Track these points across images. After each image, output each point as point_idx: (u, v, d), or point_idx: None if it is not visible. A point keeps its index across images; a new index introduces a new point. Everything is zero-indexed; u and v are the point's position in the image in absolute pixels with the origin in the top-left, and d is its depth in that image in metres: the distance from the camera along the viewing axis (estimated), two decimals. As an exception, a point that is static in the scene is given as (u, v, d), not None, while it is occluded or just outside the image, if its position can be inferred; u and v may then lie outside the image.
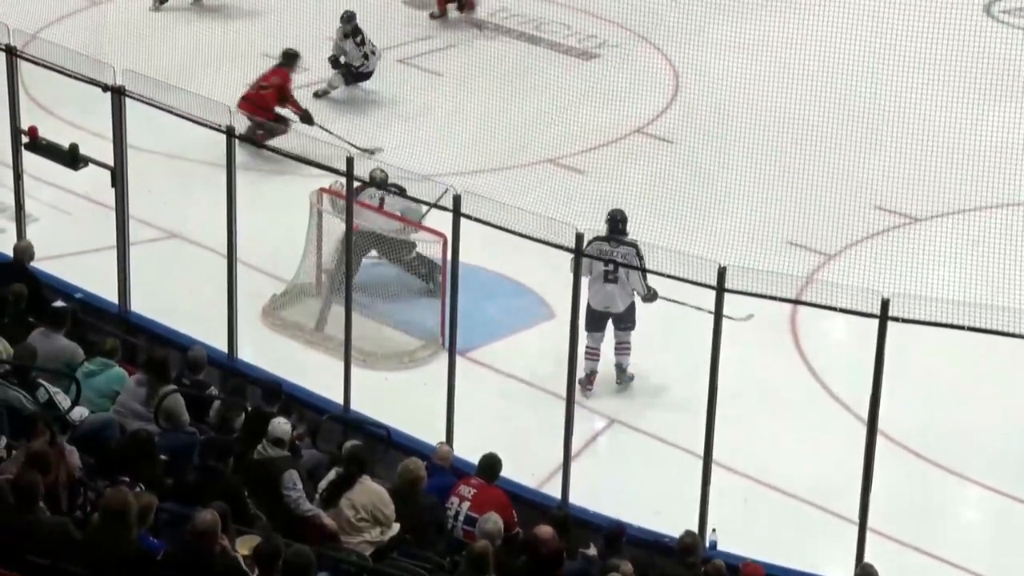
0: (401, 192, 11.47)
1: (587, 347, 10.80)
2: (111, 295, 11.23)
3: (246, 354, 10.83)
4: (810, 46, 15.64)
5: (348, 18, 15.31)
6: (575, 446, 9.63)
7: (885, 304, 8.49)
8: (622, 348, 11.12)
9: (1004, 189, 13.31)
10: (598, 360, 11.02)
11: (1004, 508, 9.85)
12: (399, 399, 10.76)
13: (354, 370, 10.36)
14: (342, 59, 15.45)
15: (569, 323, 9.40)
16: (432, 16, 17.25)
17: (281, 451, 8.79)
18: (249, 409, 9.29)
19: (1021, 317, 9.34)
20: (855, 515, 8.89)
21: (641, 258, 10.70)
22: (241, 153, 11.19)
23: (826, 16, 16.41)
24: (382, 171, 11.49)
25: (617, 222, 11.02)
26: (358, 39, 15.40)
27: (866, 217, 12.98)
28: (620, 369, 11.10)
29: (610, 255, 10.80)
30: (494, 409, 10.79)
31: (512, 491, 9.31)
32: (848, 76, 15.31)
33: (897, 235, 12.90)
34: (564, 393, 9.42)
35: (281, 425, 8.76)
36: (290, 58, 14.46)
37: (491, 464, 8.93)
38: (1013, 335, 8.92)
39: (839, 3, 16.72)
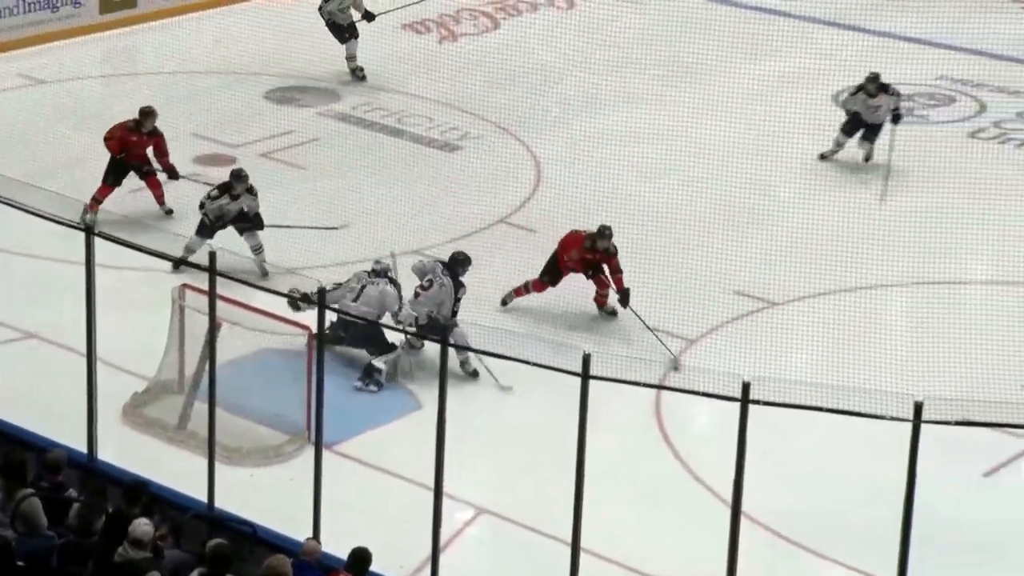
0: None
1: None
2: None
3: (107, 454, 10.63)
4: (670, 137, 16.02)
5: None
6: (443, 537, 9.57)
7: (746, 387, 8.62)
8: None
9: (856, 273, 13.66)
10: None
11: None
12: (265, 495, 10.63)
13: (218, 467, 10.21)
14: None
15: (436, 415, 9.39)
16: None
17: (143, 552, 8.61)
18: (109, 510, 9.09)
19: (878, 398, 9.58)
20: (725, 599, 8.96)
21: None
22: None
23: (684, 108, 16.84)
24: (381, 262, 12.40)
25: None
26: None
27: (726, 302, 13.21)
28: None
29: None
30: (362, 502, 10.71)
31: (381, 585, 9.24)
32: (706, 165, 15.68)
33: (756, 319, 13.14)
34: (432, 484, 9.38)
35: (141, 526, 8.58)
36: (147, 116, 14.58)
37: (360, 558, 8.86)
38: (870, 416, 9.12)
39: (696, 95, 17.18)
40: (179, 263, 12.05)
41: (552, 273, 13.10)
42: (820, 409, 8.51)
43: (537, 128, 16.67)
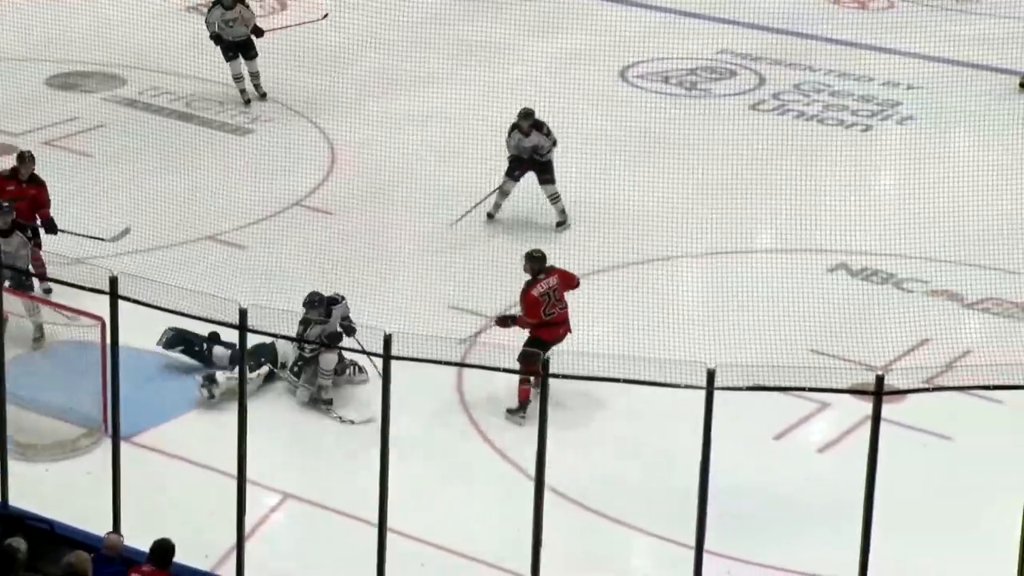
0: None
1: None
2: None
3: None
4: (461, 117, 16.10)
5: None
6: (249, 524, 9.50)
7: (546, 362, 8.75)
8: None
9: (649, 245, 13.94)
10: None
11: (672, 554, 10.22)
12: (62, 491, 10.39)
13: (12, 463, 9.94)
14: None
15: (237, 403, 9.29)
16: None
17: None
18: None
19: (672, 367, 9.81)
20: (528, 572, 9.08)
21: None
22: None
23: (476, 88, 16.94)
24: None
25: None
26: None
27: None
28: None
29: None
30: (164, 494, 10.55)
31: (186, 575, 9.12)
32: (496, 145, 15.79)
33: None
34: (235, 472, 9.29)
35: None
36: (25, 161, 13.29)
37: (163, 549, 8.76)
38: (665, 384, 9.34)
39: (487, 74, 17.29)
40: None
41: None
42: (616, 380, 8.68)
43: (330, 110, 16.58)
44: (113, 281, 9.44)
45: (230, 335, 10.83)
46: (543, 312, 11.56)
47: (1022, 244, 13.77)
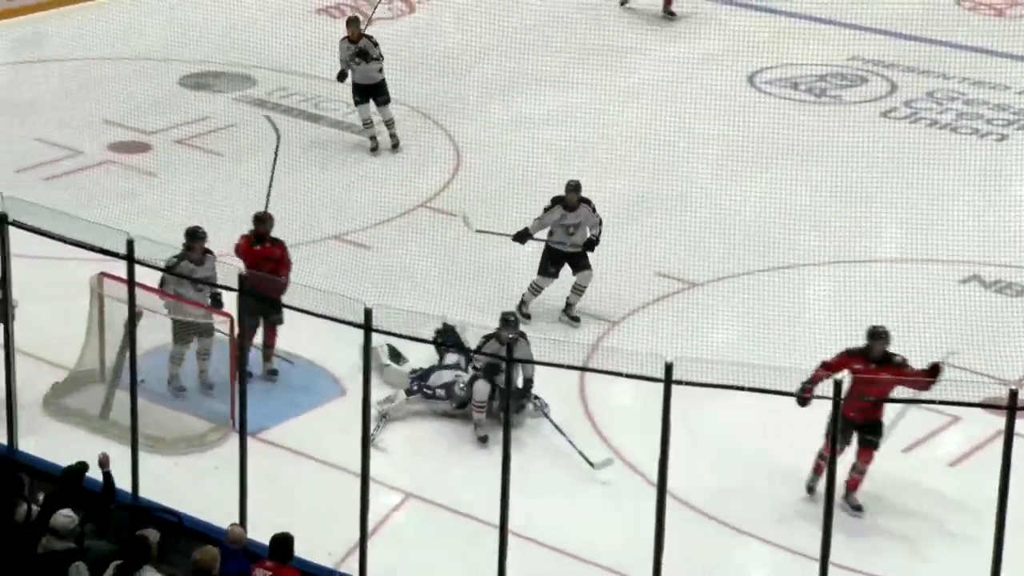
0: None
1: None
2: None
3: (28, 445, 10.49)
4: (586, 120, 16.08)
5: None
6: (371, 522, 9.56)
7: (669, 368, 8.69)
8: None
9: (775, 253, 13.80)
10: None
11: (797, 566, 10.10)
12: (190, 484, 10.56)
13: (142, 456, 10.12)
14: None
15: (361, 400, 9.36)
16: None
17: (66, 543, 8.53)
18: (34, 502, 9.00)
19: (798, 377, 9.70)
20: (651, 578, 9.03)
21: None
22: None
23: (600, 90, 16.91)
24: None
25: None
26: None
27: (647, 283, 13.30)
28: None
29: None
30: (289, 490, 10.66)
31: (309, 572, 9.20)
32: (623, 147, 15.75)
33: (678, 300, 13.24)
34: (359, 470, 9.36)
35: (62, 517, 8.51)
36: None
37: (283, 543, 8.82)
38: (791, 394, 9.23)
39: (612, 78, 17.25)
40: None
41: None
42: (741, 388, 8.58)
43: (456, 112, 16.66)
44: (242, 279, 9.57)
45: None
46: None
47: None
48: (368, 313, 9.19)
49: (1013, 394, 8.21)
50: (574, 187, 12.65)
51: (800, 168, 15.25)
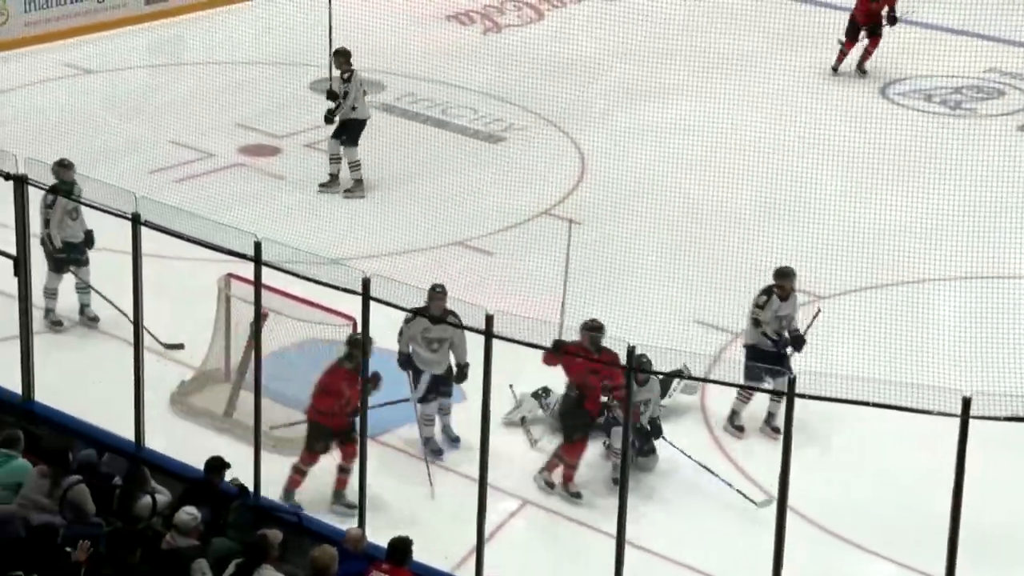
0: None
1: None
2: (14, 386, 11.05)
3: (154, 443, 10.68)
4: (713, 129, 15.95)
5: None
6: (488, 528, 9.58)
7: (792, 382, 8.57)
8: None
9: (903, 267, 13.56)
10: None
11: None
12: (311, 485, 10.66)
13: (265, 456, 10.25)
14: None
15: (480, 405, 9.38)
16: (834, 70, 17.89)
17: (190, 540, 8.66)
18: (155, 497, 9.17)
19: (925, 393, 9.50)
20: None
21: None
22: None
23: (728, 100, 16.77)
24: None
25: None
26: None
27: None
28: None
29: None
30: (408, 492, 10.72)
31: (426, 575, 9.24)
32: (750, 158, 15.60)
33: (801, 313, 13.06)
34: (476, 475, 9.38)
35: (184, 515, 8.64)
36: None
37: (400, 548, 8.86)
38: (917, 411, 9.04)
39: (739, 87, 17.11)
40: None
41: None
42: (866, 404, 8.44)
43: (581, 120, 16.64)
44: (366, 283, 9.64)
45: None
46: None
47: None
48: (489, 319, 9.21)
49: (966, 402, 8.15)
50: (784, 273, 11.53)
51: (933, 181, 14.98)
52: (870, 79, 17.26)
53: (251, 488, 9.92)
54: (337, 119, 15.11)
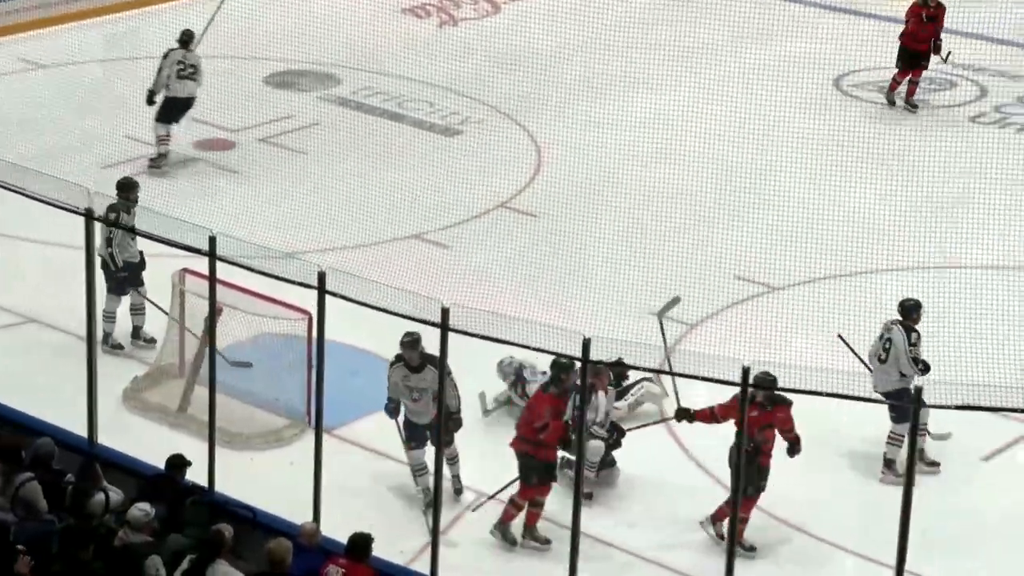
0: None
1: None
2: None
3: (107, 439, 10.62)
4: (669, 121, 15.98)
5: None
6: (444, 521, 9.57)
7: (746, 372, 8.61)
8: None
9: (856, 257, 13.63)
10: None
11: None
12: (265, 479, 10.63)
13: (219, 451, 10.21)
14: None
15: (436, 398, 9.38)
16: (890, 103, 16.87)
17: (143, 536, 8.62)
18: (108, 494, 9.12)
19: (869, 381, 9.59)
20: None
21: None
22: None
23: (683, 92, 16.80)
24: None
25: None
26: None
27: (726, 287, 13.20)
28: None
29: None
30: (363, 486, 10.71)
31: (382, 569, 9.23)
32: (705, 150, 15.65)
33: (756, 304, 13.12)
34: (432, 468, 9.38)
35: (137, 511, 8.60)
36: None
37: (360, 543, 8.85)
38: (870, 400, 9.12)
39: (698, 79, 17.14)
40: None
41: None
42: (819, 394, 8.50)
43: (538, 112, 16.64)
44: (321, 276, 9.62)
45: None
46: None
47: None
48: (445, 312, 9.20)
49: (918, 391, 8.30)
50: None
51: (887, 172, 15.07)
52: (825, 71, 17.31)
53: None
54: (158, 98, 15.07)
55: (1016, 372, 11.38)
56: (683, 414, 10.28)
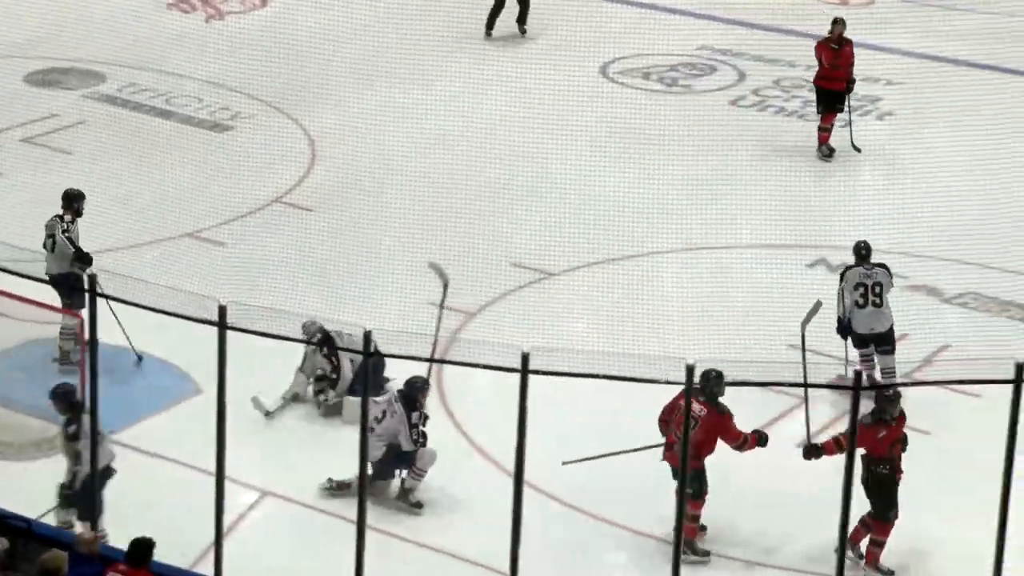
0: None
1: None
2: None
3: None
4: (440, 111, 16.09)
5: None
6: (227, 522, 9.45)
7: (525, 358, 8.72)
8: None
9: (629, 241, 13.94)
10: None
11: (647, 547, 10.24)
12: (41, 489, 10.34)
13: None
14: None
15: (216, 398, 9.25)
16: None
17: (-88, 554, 8.30)
18: None
19: (653, 363, 9.79)
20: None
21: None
22: None
23: (454, 82, 16.93)
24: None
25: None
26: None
27: (503, 274, 13.36)
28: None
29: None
30: (142, 490, 10.51)
31: (163, 574, 9.07)
32: (479, 137, 15.79)
33: (533, 290, 13.31)
34: (213, 469, 9.25)
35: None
36: None
37: (140, 547, 8.68)
38: (646, 380, 9.30)
39: (469, 68, 17.27)
40: None
41: None
42: (598, 376, 8.66)
43: (309, 105, 16.55)
44: (92, 279, 9.40)
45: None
46: None
47: (999, 239, 13.81)
48: (222, 310, 9.09)
49: (858, 375, 8.52)
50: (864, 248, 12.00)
51: (652, 157, 15.42)
52: (591, 58, 17.63)
53: None
54: None
55: (780, 348, 11.86)
56: (812, 451, 10.17)
